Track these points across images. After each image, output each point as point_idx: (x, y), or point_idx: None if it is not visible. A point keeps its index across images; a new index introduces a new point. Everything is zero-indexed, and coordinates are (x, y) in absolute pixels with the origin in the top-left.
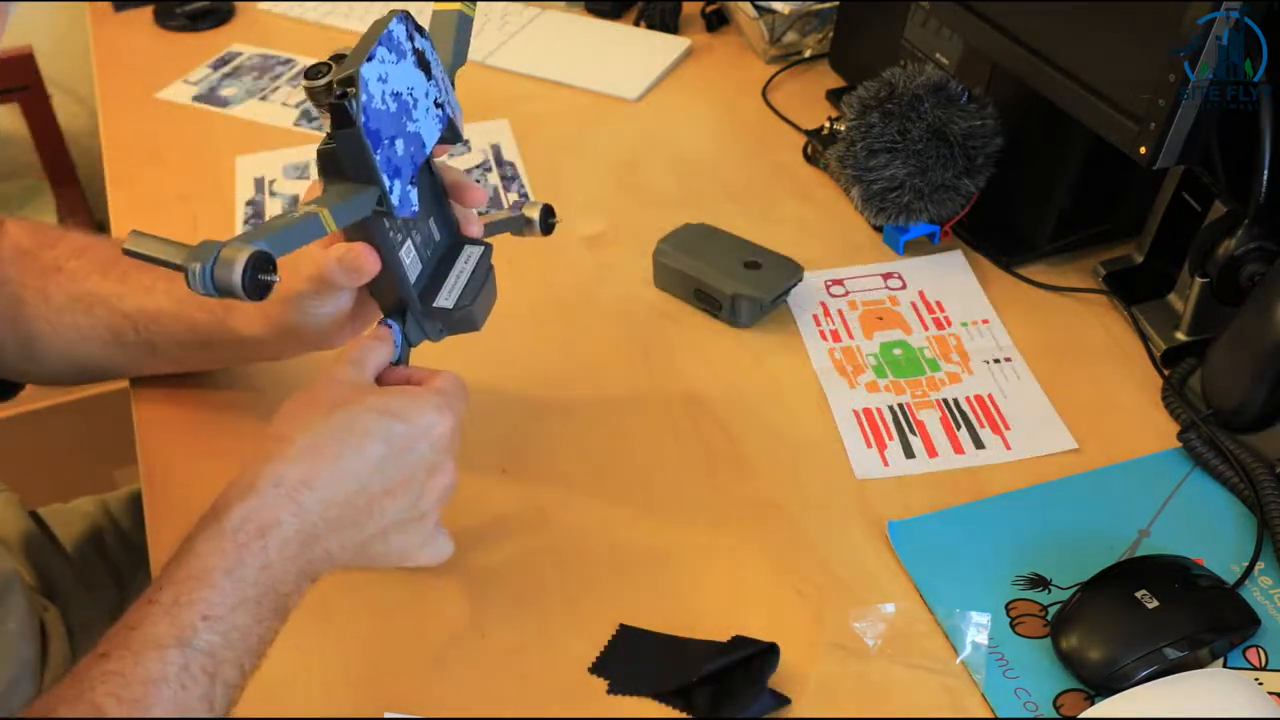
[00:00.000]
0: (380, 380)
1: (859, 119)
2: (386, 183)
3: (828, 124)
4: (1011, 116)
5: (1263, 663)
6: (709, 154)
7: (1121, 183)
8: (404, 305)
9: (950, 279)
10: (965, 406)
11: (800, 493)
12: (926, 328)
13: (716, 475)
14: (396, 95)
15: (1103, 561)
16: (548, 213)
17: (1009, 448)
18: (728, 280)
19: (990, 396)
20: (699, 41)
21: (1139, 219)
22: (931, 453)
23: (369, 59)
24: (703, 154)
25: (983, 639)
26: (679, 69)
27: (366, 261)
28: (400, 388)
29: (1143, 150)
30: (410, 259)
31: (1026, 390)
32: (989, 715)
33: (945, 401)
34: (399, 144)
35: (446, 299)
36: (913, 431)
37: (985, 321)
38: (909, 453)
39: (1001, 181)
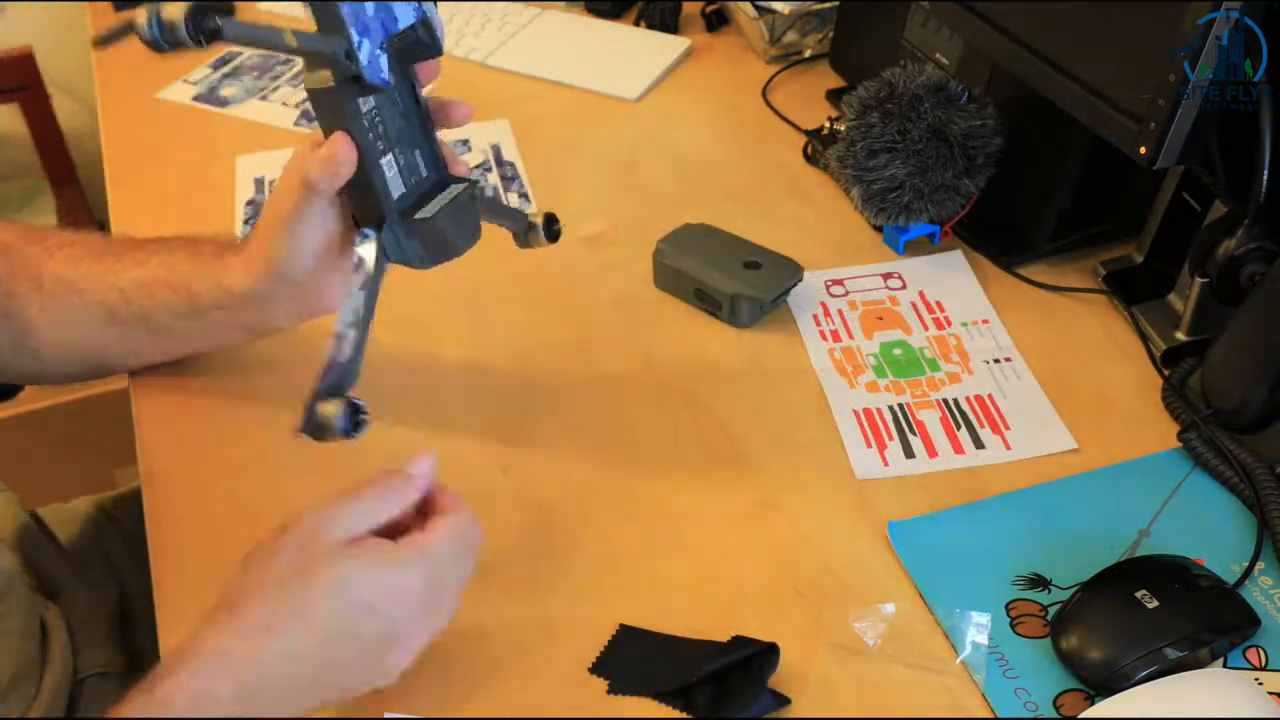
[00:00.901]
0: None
1: (859, 119)
2: (355, 37)
3: (828, 124)
4: (1011, 116)
5: (1263, 663)
6: (709, 154)
7: (1121, 183)
8: (382, 217)
9: (950, 279)
10: (965, 406)
11: (800, 493)
12: (926, 328)
13: (716, 475)
14: None
15: (1103, 561)
16: (551, 220)
17: (1009, 448)
18: (728, 280)
19: (990, 396)
20: (699, 41)
21: (1139, 219)
22: (931, 453)
23: None
24: (703, 154)
25: (983, 639)
26: (679, 69)
27: (343, 149)
28: (376, 542)
29: (1143, 150)
30: (392, 173)
31: (1027, 390)
32: (989, 715)
33: (945, 401)
34: (368, 6)
35: (426, 212)
36: (913, 431)
37: (985, 321)
38: (909, 453)
39: (1001, 181)
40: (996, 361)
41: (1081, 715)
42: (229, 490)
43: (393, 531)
